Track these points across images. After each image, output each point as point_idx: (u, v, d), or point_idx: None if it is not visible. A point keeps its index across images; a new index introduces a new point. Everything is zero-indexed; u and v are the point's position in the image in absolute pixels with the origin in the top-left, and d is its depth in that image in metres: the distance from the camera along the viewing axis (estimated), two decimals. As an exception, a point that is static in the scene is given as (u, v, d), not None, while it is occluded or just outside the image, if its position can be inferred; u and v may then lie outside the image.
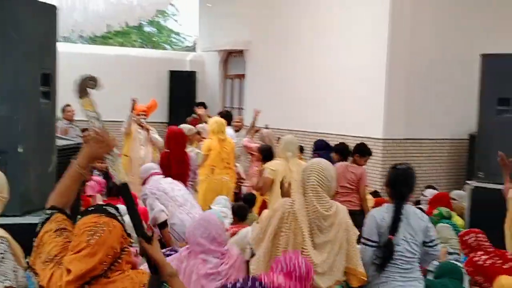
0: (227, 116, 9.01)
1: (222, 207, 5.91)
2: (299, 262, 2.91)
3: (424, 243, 3.67)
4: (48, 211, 2.23)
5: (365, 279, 3.43)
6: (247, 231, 4.17)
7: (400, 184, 3.72)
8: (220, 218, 3.84)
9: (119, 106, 10.44)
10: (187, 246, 3.63)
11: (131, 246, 2.11)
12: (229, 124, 8.52)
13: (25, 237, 2.36)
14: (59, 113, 9.42)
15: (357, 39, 9.01)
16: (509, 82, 6.82)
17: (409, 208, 3.69)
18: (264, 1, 11.52)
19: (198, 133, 8.04)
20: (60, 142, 4.22)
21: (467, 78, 8.41)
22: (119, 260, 2.03)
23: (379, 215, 3.67)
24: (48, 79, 3.77)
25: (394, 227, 3.56)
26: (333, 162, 6.59)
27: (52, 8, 3.88)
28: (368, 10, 8.82)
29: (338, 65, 9.38)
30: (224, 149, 7.44)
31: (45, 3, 3.86)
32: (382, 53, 8.51)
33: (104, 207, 2.10)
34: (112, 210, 2.08)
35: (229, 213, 5.71)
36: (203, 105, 10.85)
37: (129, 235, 2.09)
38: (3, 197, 2.77)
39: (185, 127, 7.38)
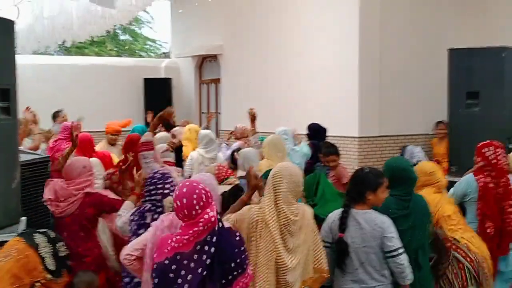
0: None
1: None
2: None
3: (385, 253, 3.50)
4: None
5: (325, 275, 3.41)
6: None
7: (349, 186, 3.73)
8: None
9: (95, 116, 10.43)
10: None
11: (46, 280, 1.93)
12: None
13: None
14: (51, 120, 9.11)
15: (328, 40, 9.03)
16: (477, 76, 6.89)
17: (365, 214, 3.52)
18: (236, 6, 11.51)
19: (173, 136, 7.82)
20: (24, 157, 4.15)
21: (438, 73, 8.47)
22: None
23: (331, 217, 3.65)
24: (7, 94, 3.72)
25: (340, 226, 3.52)
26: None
27: (8, 23, 3.82)
28: (338, 11, 8.85)
29: (311, 67, 9.39)
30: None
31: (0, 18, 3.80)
32: (353, 52, 8.53)
33: (36, 232, 1.94)
34: (39, 239, 1.92)
35: None
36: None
37: (50, 271, 1.92)
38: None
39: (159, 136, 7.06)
